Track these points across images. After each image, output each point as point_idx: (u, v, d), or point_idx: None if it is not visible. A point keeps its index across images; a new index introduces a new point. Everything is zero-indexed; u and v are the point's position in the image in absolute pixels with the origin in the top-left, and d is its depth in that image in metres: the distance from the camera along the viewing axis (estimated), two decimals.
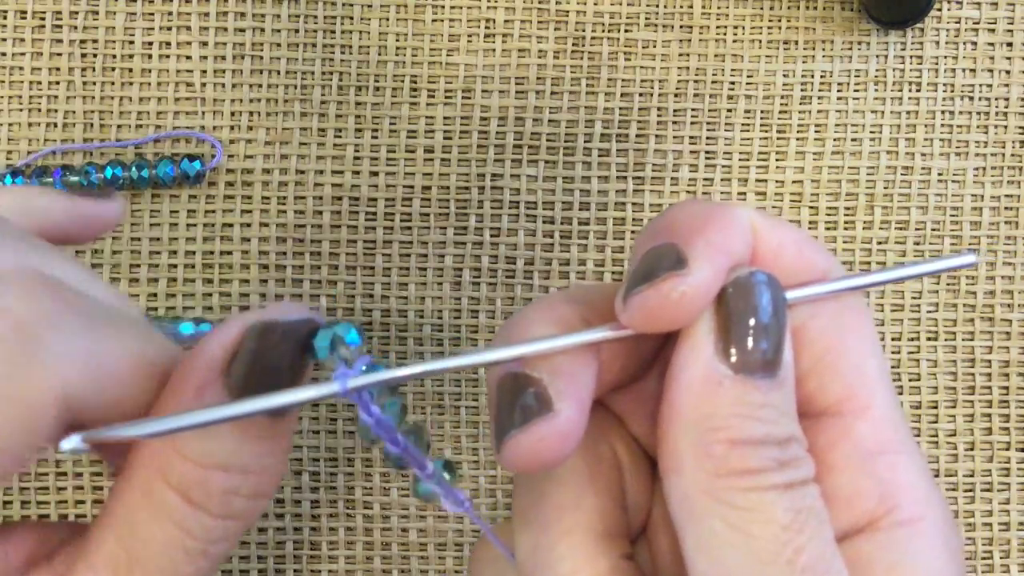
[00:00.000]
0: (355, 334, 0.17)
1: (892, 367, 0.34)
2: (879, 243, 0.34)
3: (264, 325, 0.17)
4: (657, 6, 0.33)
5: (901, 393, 0.34)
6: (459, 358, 0.17)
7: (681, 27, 0.33)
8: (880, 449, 0.18)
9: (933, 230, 0.34)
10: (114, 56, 0.33)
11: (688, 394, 0.17)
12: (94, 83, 0.33)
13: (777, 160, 0.34)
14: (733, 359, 0.17)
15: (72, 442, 0.16)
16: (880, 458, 0.18)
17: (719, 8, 0.33)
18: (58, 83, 0.33)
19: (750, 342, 0.17)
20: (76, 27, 0.33)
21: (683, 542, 0.17)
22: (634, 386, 0.19)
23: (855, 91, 0.34)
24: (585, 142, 0.33)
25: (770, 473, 0.16)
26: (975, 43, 0.34)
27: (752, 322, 0.17)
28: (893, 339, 0.34)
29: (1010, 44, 0.34)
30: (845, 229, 0.34)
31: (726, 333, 0.17)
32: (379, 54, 0.33)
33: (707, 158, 0.33)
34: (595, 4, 0.33)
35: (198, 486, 0.16)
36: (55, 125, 0.33)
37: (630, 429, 0.20)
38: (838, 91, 0.34)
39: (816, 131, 0.34)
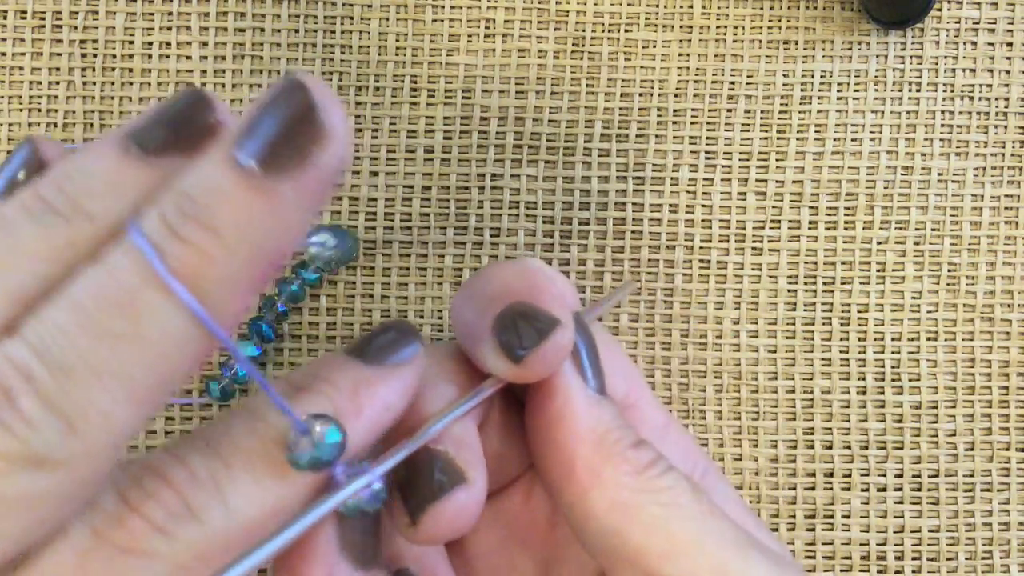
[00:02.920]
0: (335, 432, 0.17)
1: (892, 367, 0.34)
2: (879, 243, 0.34)
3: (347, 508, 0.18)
4: (657, 6, 0.33)
5: (900, 393, 0.34)
6: (391, 459, 0.19)
7: (681, 27, 0.33)
8: (664, 424, 0.23)
9: (933, 230, 0.34)
10: (114, 56, 0.33)
11: (582, 420, 0.20)
12: (94, 83, 0.33)
13: (777, 160, 0.34)
14: (593, 385, 0.21)
15: None
16: (666, 431, 0.23)
17: (719, 8, 0.33)
18: (58, 83, 0.33)
19: (596, 369, 0.21)
20: (76, 27, 0.33)
21: (626, 539, 0.19)
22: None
23: (855, 91, 0.34)
24: (585, 142, 0.33)
25: (661, 459, 0.20)
26: (975, 43, 0.34)
27: (594, 354, 0.21)
28: (893, 339, 0.34)
29: (1010, 44, 0.34)
30: (845, 229, 0.34)
31: (582, 367, 0.21)
32: (379, 54, 0.33)
33: (707, 158, 0.33)
34: (595, 4, 0.33)
35: None
36: (55, 125, 0.33)
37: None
38: (838, 91, 0.34)
39: (816, 131, 0.34)
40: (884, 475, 0.33)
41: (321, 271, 0.32)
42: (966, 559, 0.33)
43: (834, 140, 0.34)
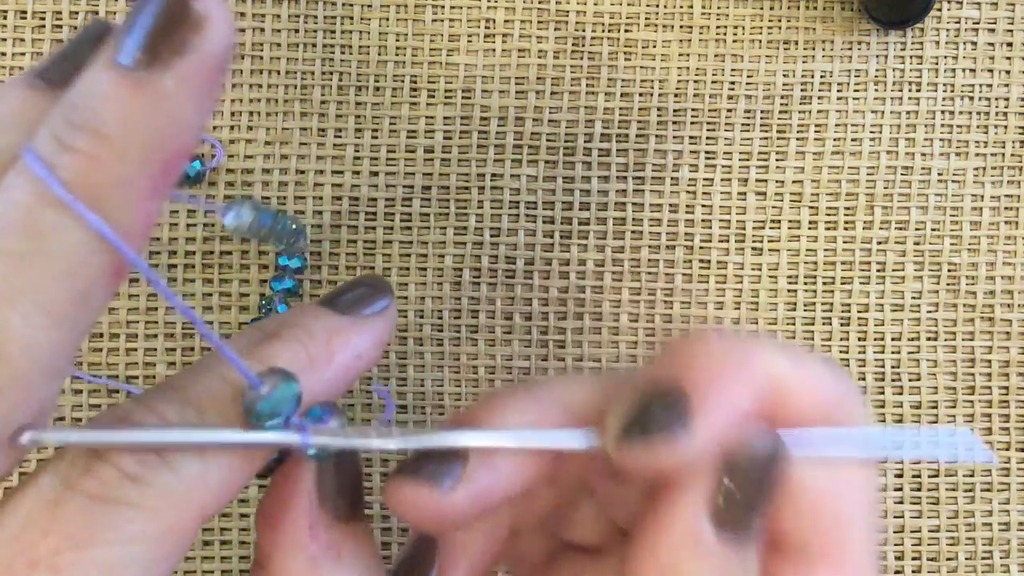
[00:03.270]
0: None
1: (892, 367, 0.34)
2: (879, 243, 0.34)
3: (327, 464, 0.18)
4: (657, 6, 0.33)
5: (900, 393, 0.34)
6: (436, 436, 0.18)
7: (681, 27, 0.33)
8: None
9: (933, 230, 0.34)
10: None
11: (673, 554, 0.16)
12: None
13: (777, 160, 0.34)
14: (720, 523, 0.16)
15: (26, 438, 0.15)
16: None
17: (719, 8, 0.33)
18: None
19: (742, 510, 0.17)
20: (76, 27, 0.33)
21: None
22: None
23: (855, 91, 0.34)
24: (585, 142, 0.33)
25: None
26: (975, 43, 0.34)
27: (749, 492, 0.17)
28: (893, 339, 0.34)
29: (1010, 44, 0.34)
30: (845, 229, 0.34)
31: (720, 498, 0.17)
32: (379, 54, 0.33)
33: (707, 158, 0.33)
34: (595, 4, 0.33)
35: None
36: None
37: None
38: (838, 91, 0.34)
39: (816, 131, 0.34)
40: (884, 475, 0.33)
41: (292, 254, 0.32)
42: (966, 559, 0.33)
43: (834, 140, 0.34)
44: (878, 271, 0.34)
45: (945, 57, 0.34)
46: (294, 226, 0.31)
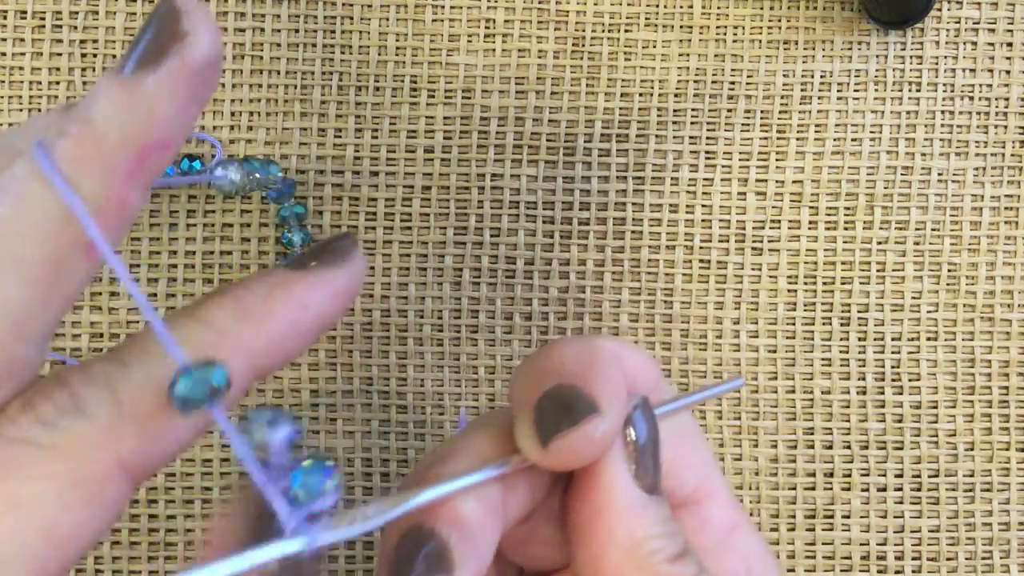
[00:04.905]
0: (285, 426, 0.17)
1: (892, 367, 0.34)
2: (879, 243, 0.34)
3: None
4: (657, 6, 0.33)
5: (901, 393, 0.34)
6: (395, 506, 0.18)
7: (681, 27, 0.33)
8: (732, 526, 0.21)
9: (933, 230, 0.34)
10: (114, 56, 0.33)
11: (621, 521, 0.19)
12: (94, 83, 0.33)
13: (777, 160, 0.34)
14: (643, 484, 0.19)
15: None
16: (734, 533, 0.21)
17: (719, 8, 0.33)
18: (58, 83, 0.33)
19: (650, 465, 0.19)
20: (76, 27, 0.33)
21: None
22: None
23: (855, 91, 0.34)
24: (585, 142, 0.33)
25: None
26: (975, 43, 0.34)
27: (653, 448, 0.20)
28: (893, 339, 0.34)
29: (1010, 44, 0.34)
30: (845, 229, 0.34)
31: (637, 461, 0.19)
32: (379, 54, 0.33)
33: (707, 158, 0.33)
34: (595, 4, 0.33)
35: None
36: None
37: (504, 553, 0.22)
38: (838, 91, 0.34)
39: (816, 131, 0.34)
40: (884, 475, 0.33)
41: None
42: (966, 559, 0.33)
43: (834, 140, 0.34)
44: (878, 271, 0.34)
45: (945, 57, 0.34)
46: (281, 174, 0.31)
